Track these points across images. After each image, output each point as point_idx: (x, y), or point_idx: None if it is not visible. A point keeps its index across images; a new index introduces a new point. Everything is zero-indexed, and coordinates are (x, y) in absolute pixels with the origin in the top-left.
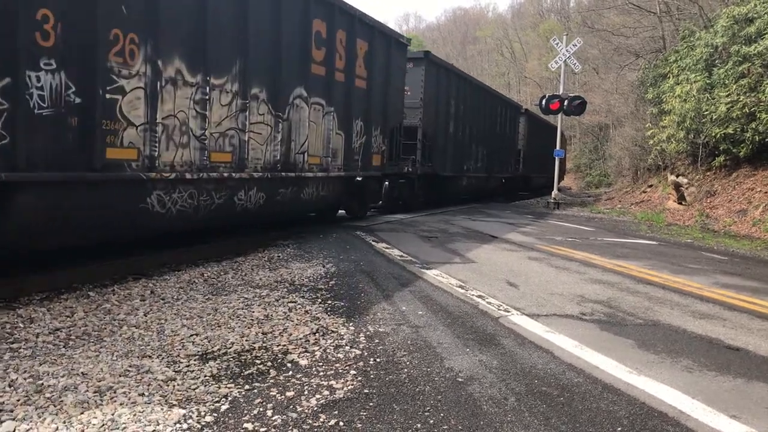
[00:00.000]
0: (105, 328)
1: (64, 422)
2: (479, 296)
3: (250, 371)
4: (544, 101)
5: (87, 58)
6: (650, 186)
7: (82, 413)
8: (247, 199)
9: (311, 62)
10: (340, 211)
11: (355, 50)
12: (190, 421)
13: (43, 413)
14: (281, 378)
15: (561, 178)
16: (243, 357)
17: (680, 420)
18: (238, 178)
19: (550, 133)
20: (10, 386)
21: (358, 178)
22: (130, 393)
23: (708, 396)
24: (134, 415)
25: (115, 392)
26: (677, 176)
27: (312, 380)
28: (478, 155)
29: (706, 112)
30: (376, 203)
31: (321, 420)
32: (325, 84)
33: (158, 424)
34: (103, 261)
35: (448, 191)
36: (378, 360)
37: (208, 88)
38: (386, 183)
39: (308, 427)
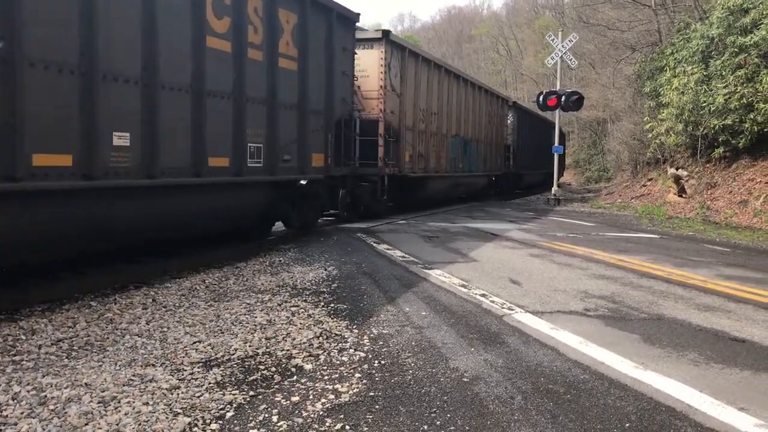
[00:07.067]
0: (107, 338)
1: None
2: (482, 295)
3: (254, 377)
4: (541, 98)
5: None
6: (650, 180)
7: (86, 424)
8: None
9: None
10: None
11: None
12: (195, 429)
13: (47, 426)
14: (286, 383)
15: (561, 174)
16: (247, 363)
17: (688, 414)
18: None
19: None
20: (13, 399)
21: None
22: (134, 402)
23: (715, 389)
24: (139, 424)
25: (119, 402)
26: (677, 169)
27: (317, 384)
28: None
29: (704, 104)
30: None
31: (327, 424)
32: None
33: None
34: (104, 270)
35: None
36: (383, 362)
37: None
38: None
39: (314, 431)
